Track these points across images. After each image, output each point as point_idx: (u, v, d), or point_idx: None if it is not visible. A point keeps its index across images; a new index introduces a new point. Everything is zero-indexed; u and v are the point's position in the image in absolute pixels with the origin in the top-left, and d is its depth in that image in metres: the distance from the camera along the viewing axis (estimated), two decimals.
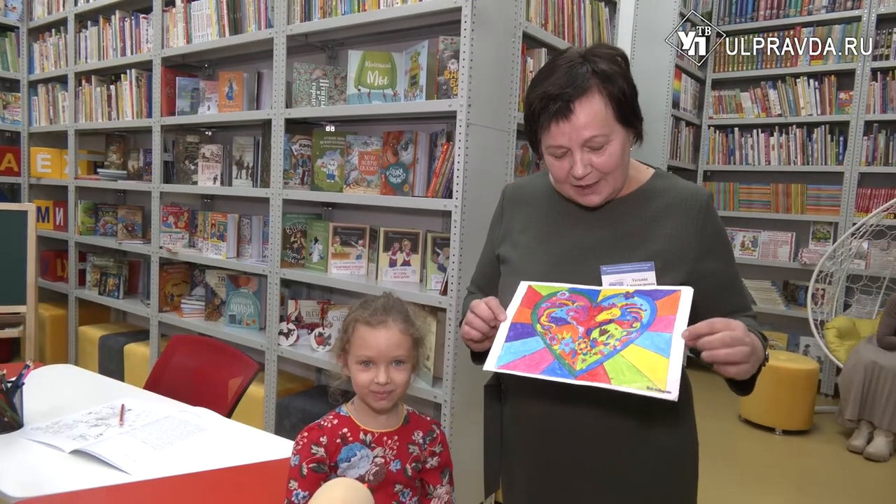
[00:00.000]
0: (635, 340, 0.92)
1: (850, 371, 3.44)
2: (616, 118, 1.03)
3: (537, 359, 0.97)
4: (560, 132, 1.03)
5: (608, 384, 0.90)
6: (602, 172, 1.05)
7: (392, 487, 1.10)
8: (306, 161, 2.71)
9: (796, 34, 4.57)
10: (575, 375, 0.93)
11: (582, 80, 1.02)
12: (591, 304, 1.00)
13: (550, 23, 2.50)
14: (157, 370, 2.01)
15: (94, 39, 3.69)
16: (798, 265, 4.53)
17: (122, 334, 3.66)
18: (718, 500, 2.76)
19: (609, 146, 1.03)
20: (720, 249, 1.11)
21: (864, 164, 4.30)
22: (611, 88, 1.02)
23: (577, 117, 1.01)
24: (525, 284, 1.08)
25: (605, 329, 0.95)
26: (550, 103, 1.02)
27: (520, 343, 1.00)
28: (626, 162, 1.08)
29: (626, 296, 0.98)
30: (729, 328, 0.92)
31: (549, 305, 1.03)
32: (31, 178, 4.21)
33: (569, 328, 0.98)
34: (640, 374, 0.88)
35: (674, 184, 1.13)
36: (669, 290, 0.96)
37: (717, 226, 1.11)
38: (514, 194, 1.28)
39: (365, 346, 1.08)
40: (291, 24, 2.58)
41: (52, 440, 1.39)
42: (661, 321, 0.93)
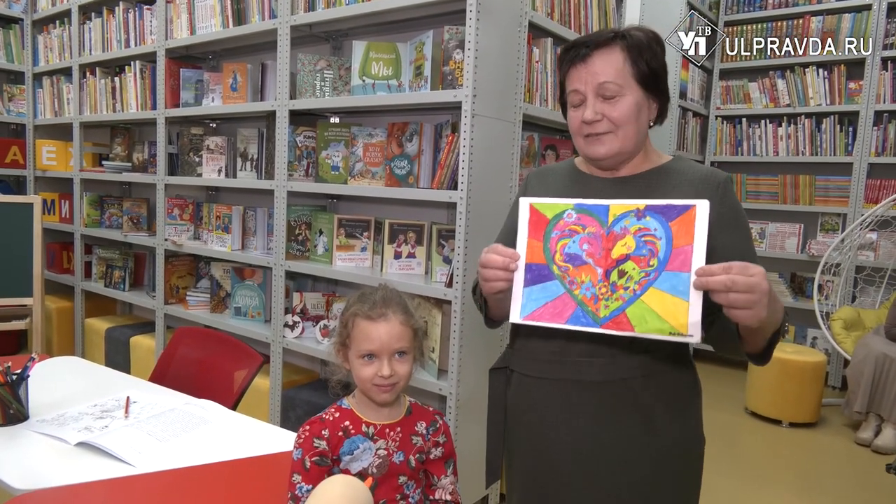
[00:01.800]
0: (654, 283, 0.92)
1: (860, 363, 3.41)
2: (633, 76, 1.09)
3: (560, 305, 0.97)
4: (577, 76, 1.11)
5: (633, 332, 0.91)
6: (612, 123, 1.09)
7: (396, 479, 1.09)
8: (311, 153, 2.70)
9: (805, 23, 4.51)
10: (600, 323, 0.94)
11: (606, 35, 1.11)
12: (603, 228, 0.98)
13: (556, 12, 2.47)
14: (163, 362, 2.01)
15: (98, 31, 3.68)
16: (806, 257, 4.50)
17: (128, 326, 3.66)
18: (724, 492, 2.75)
19: (622, 98, 1.08)
20: (736, 225, 1.11)
21: (874, 154, 4.25)
22: (633, 51, 1.09)
23: (594, 62, 1.09)
24: (526, 202, 1.05)
25: (623, 270, 0.95)
26: (573, 50, 1.12)
27: (539, 288, 1.00)
28: (640, 124, 1.11)
29: (638, 215, 0.95)
30: (746, 272, 0.90)
31: (559, 234, 1.01)
32: (37, 171, 4.22)
33: (587, 270, 0.97)
34: (662, 319, 0.90)
35: (692, 166, 1.16)
36: (684, 207, 0.93)
37: (733, 202, 1.12)
38: (538, 176, 1.31)
39: (367, 339, 1.07)
40: (295, 14, 2.56)
41: (57, 432, 1.39)
42: (678, 255, 0.91)
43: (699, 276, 0.91)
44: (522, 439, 1.20)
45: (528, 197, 1.07)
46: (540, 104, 2.41)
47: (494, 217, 1.37)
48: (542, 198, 1.06)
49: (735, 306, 0.90)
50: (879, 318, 3.77)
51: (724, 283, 0.89)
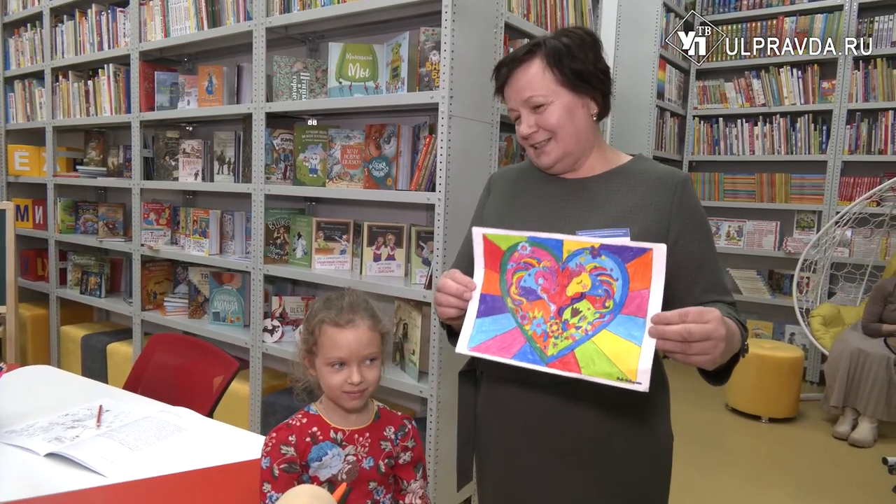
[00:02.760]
0: (608, 325, 0.90)
1: (836, 358, 3.47)
2: (557, 82, 1.10)
3: (509, 340, 0.95)
4: (508, 95, 1.16)
5: (579, 374, 0.88)
6: (547, 131, 1.12)
7: (366, 485, 1.08)
8: (288, 155, 2.68)
9: (779, 24, 4.58)
10: (546, 362, 0.91)
11: (523, 50, 1.13)
12: (557, 263, 0.96)
13: (532, 13, 2.47)
14: (137, 370, 1.98)
15: (71, 34, 3.62)
16: (783, 254, 4.56)
17: (105, 333, 3.61)
18: (705, 488, 2.77)
19: (550, 106, 1.11)
20: (696, 228, 1.10)
21: (847, 152, 4.33)
22: (552, 58, 1.10)
23: (517, 79, 1.13)
24: (479, 233, 1.03)
25: (577, 309, 0.93)
26: (497, 72, 1.17)
27: (491, 320, 0.98)
28: (578, 124, 1.13)
29: (594, 254, 0.93)
30: (701, 319, 0.87)
31: (515, 266, 1.00)
32: (9, 177, 4.14)
33: (540, 305, 0.95)
34: (611, 363, 0.87)
35: (652, 166, 1.16)
36: (640, 249, 0.90)
37: (693, 204, 1.11)
38: (498, 177, 1.33)
39: (335, 347, 1.05)
40: (270, 16, 2.54)
41: (26, 443, 1.36)
42: (635, 299, 0.89)
43: (655, 324, 0.88)
44: (492, 442, 1.20)
45: (480, 228, 1.06)
46: None
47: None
48: (493, 228, 1.04)
49: (690, 353, 0.88)
50: (859, 314, 3.83)
51: (680, 334, 0.86)
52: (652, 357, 0.87)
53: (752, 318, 4.77)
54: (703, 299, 1.08)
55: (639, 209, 1.09)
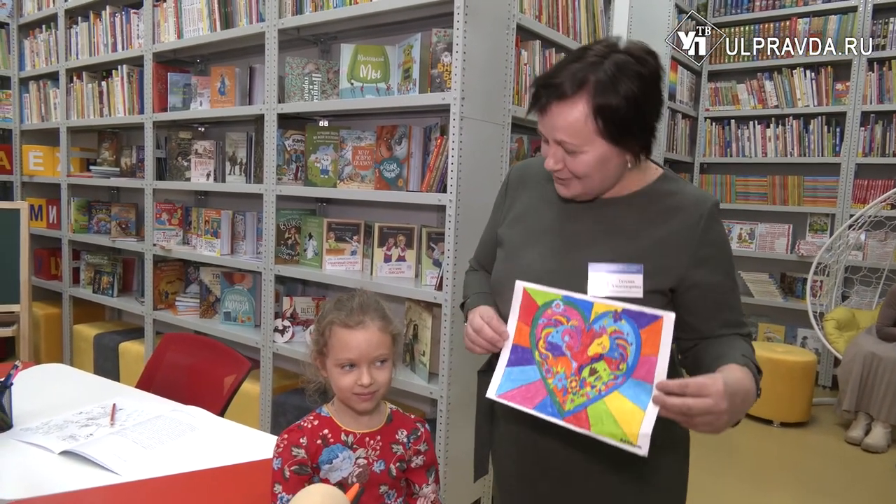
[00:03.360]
0: (620, 387, 0.95)
1: (849, 362, 3.43)
2: (597, 132, 0.98)
3: (533, 391, 1.02)
4: (540, 122, 1.05)
5: (588, 431, 0.95)
6: (573, 174, 1.04)
7: (377, 489, 1.07)
8: (300, 156, 2.69)
9: (792, 25, 4.55)
10: (563, 416, 0.98)
11: (573, 81, 0.97)
12: (585, 323, 1.01)
13: (544, 14, 2.47)
14: (150, 369, 1.99)
15: (85, 35, 3.65)
16: (795, 257, 4.53)
17: (117, 332, 3.63)
18: (715, 493, 2.75)
19: (582, 154, 1.01)
20: (717, 261, 1.06)
21: (861, 154, 4.29)
22: (601, 101, 0.96)
23: (552, 118, 1.01)
24: (521, 286, 1.08)
25: (594, 369, 0.98)
26: (538, 92, 1.03)
27: (519, 370, 1.05)
28: (607, 172, 1.04)
29: (615, 317, 0.98)
30: (702, 392, 0.87)
31: (545, 322, 1.04)
32: (24, 176, 4.18)
33: (564, 361, 1.01)
34: (617, 424, 0.93)
35: (680, 188, 1.09)
36: (653, 316, 0.95)
37: (718, 236, 1.06)
38: (518, 175, 1.26)
39: (345, 348, 1.05)
40: (283, 17, 2.55)
41: (41, 441, 1.37)
42: (644, 364, 0.95)
43: (658, 390, 0.90)
44: (511, 442, 1.20)
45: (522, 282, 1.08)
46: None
47: (484, 220, 1.36)
48: (534, 284, 1.07)
49: (693, 424, 0.90)
50: (874, 318, 3.79)
51: (680, 409, 0.88)
52: (653, 423, 0.91)
53: (763, 321, 4.74)
54: (718, 333, 1.08)
55: (659, 241, 1.05)
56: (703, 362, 1.06)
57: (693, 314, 1.07)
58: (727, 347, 1.04)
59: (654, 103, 1.01)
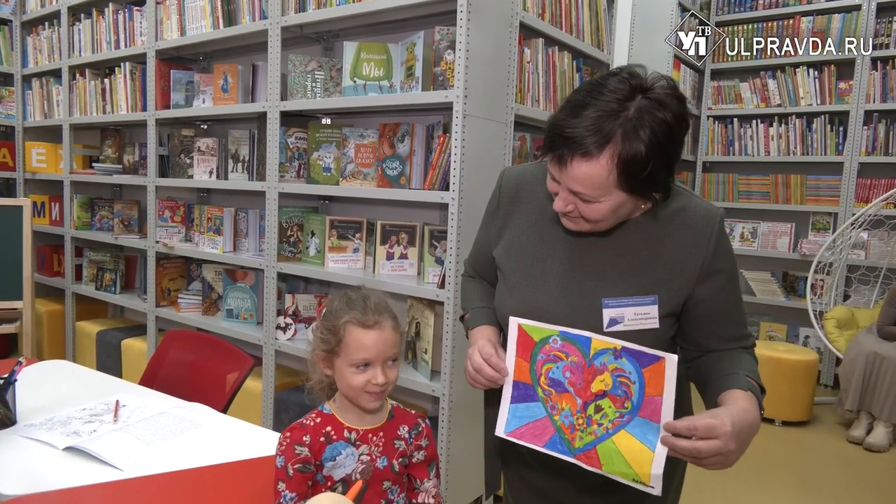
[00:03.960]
0: (626, 426, 0.96)
1: (851, 361, 3.43)
2: (617, 185, 0.94)
3: (540, 428, 1.03)
4: (553, 169, 0.99)
5: (599, 469, 0.96)
6: (583, 217, 1.00)
7: (380, 485, 1.08)
8: (302, 154, 2.69)
9: (795, 23, 4.54)
10: (574, 454, 0.99)
11: (598, 138, 0.91)
12: (585, 359, 1.01)
13: (548, 12, 2.47)
14: (153, 366, 2.00)
15: (88, 32, 3.66)
16: (797, 256, 4.52)
17: (120, 329, 3.64)
18: (716, 491, 2.76)
19: (598, 203, 0.96)
20: (723, 275, 1.06)
21: (864, 153, 4.28)
22: (626, 156, 0.91)
23: (570, 171, 0.94)
24: (515, 323, 1.07)
25: (599, 406, 0.99)
26: (557, 143, 0.95)
27: (524, 407, 1.05)
28: (619, 216, 1.01)
29: (615, 355, 0.98)
30: (711, 434, 0.88)
31: (544, 359, 1.04)
32: (27, 173, 4.19)
33: (567, 398, 1.02)
34: (628, 464, 0.94)
35: (686, 204, 1.05)
36: (654, 357, 0.95)
37: (725, 251, 1.05)
38: (514, 185, 1.20)
39: (362, 348, 1.04)
40: (286, 15, 2.55)
41: (45, 437, 1.38)
42: (649, 404, 0.95)
43: (666, 432, 0.91)
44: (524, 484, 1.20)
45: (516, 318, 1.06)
46: (532, 105, 2.41)
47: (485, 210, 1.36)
48: (529, 320, 1.06)
49: (702, 465, 0.91)
50: (874, 317, 3.79)
51: (690, 452, 0.89)
52: (663, 463, 0.92)
53: (765, 320, 4.74)
54: (723, 347, 1.08)
55: (671, 263, 1.04)
56: (707, 378, 1.06)
57: (698, 329, 1.07)
58: (731, 366, 1.04)
59: (677, 150, 0.96)
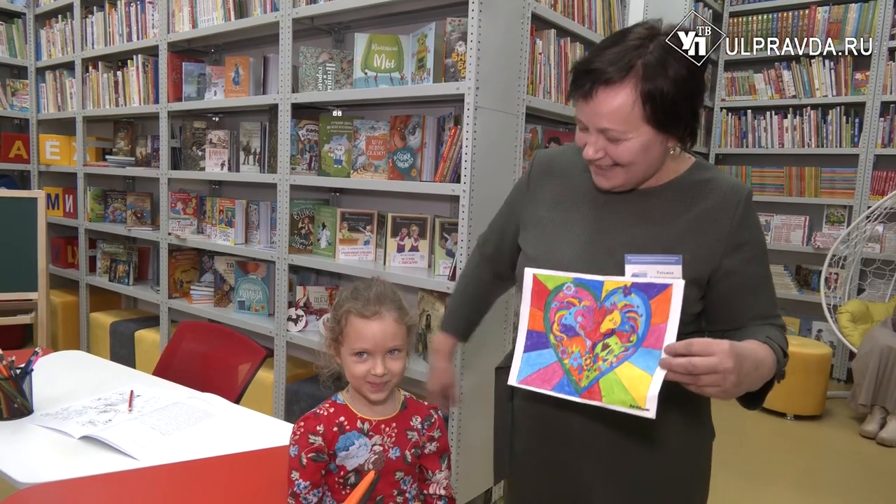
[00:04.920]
0: (630, 358, 0.96)
1: (865, 356, 3.40)
2: (644, 118, 0.95)
3: (550, 373, 1.04)
4: (581, 110, 1.00)
5: (600, 402, 0.96)
6: (616, 162, 1.00)
7: (393, 475, 1.09)
8: (313, 146, 2.69)
9: (812, 14, 4.47)
10: (579, 393, 0.99)
11: (619, 66, 0.94)
12: (596, 302, 1.02)
13: (560, 3, 2.45)
14: (166, 356, 2.02)
15: (101, 25, 3.67)
16: (811, 249, 4.48)
17: (133, 320, 3.68)
18: (728, 486, 2.75)
19: (626, 142, 0.97)
20: (751, 248, 1.04)
21: (881, 146, 4.22)
22: (650, 86, 0.93)
23: (597, 104, 0.96)
24: (530, 273, 1.08)
25: (606, 344, 0.99)
26: (580, 77, 0.98)
27: (536, 355, 1.06)
28: (651, 158, 1.01)
29: (625, 292, 0.99)
30: (706, 351, 0.86)
31: (558, 306, 1.05)
32: (41, 166, 4.22)
33: (578, 341, 1.02)
34: (626, 392, 0.94)
35: (714, 177, 1.07)
36: (662, 286, 0.96)
37: (752, 224, 1.05)
38: (544, 163, 1.22)
39: (360, 338, 1.05)
40: (297, 7, 2.55)
41: (61, 426, 1.39)
42: (654, 332, 0.95)
43: (667, 354, 0.90)
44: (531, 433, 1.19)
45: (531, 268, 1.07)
46: (543, 96, 2.40)
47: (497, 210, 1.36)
48: (543, 269, 1.07)
49: (700, 385, 0.88)
50: (889, 311, 3.75)
51: (684, 367, 0.87)
52: (660, 385, 0.91)
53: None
54: (751, 324, 1.06)
55: (695, 231, 1.04)
56: None
57: (727, 304, 1.06)
58: (754, 333, 1.02)
59: (700, 87, 0.98)
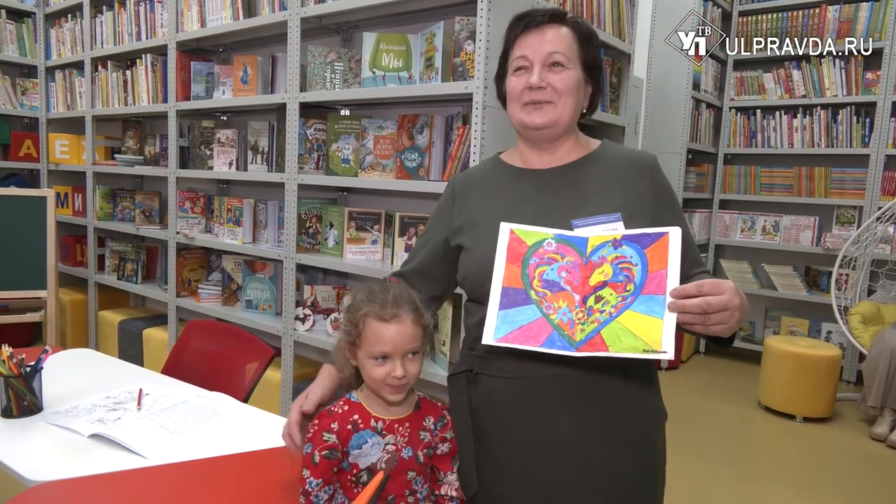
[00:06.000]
0: (630, 306, 0.95)
1: (875, 357, 3.37)
2: (579, 57, 1.16)
3: (535, 329, 0.98)
4: (528, 42, 1.16)
5: (606, 352, 0.93)
6: (556, 92, 1.13)
7: (405, 475, 1.09)
8: (321, 145, 2.69)
9: (822, 13, 4.44)
10: (576, 347, 0.95)
11: (559, 12, 1.18)
12: (581, 257, 1.01)
13: (569, 2, 2.44)
14: (175, 355, 2.02)
15: (110, 24, 3.69)
16: (821, 250, 4.45)
17: (141, 319, 3.69)
18: (736, 487, 2.73)
19: (567, 71, 1.14)
20: (672, 206, 1.16)
21: (892, 146, 4.18)
22: (582, 35, 1.17)
23: (547, 32, 1.15)
24: (507, 227, 1.07)
25: (600, 296, 0.97)
26: (527, 17, 1.17)
27: (515, 311, 1.01)
28: (578, 101, 1.17)
29: (615, 245, 0.99)
30: (717, 290, 0.92)
31: (538, 261, 1.03)
32: (50, 164, 4.25)
33: (564, 296, 1.00)
34: (636, 337, 0.92)
35: (621, 150, 1.22)
36: (657, 234, 0.97)
37: (667, 185, 1.19)
38: (462, 181, 1.31)
39: (380, 341, 1.05)
40: (305, 6, 2.55)
41: (70, 424, 1.40)
42: (654, 279, 0.95)
43: (673, 297, 0.93)
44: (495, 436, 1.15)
45: (508, 223, 1.08)
46: None
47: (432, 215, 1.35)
48: (522, 225, 1.07)
49: (709, 324, 0.93)
50: None
51: (700, 306, 0.91)
52: (674, 327, 0.92)
53: (787, 314, 4.67)
54: (690, 273, 1.14)
55: (621, 195, 1.13)
56: None
57: None
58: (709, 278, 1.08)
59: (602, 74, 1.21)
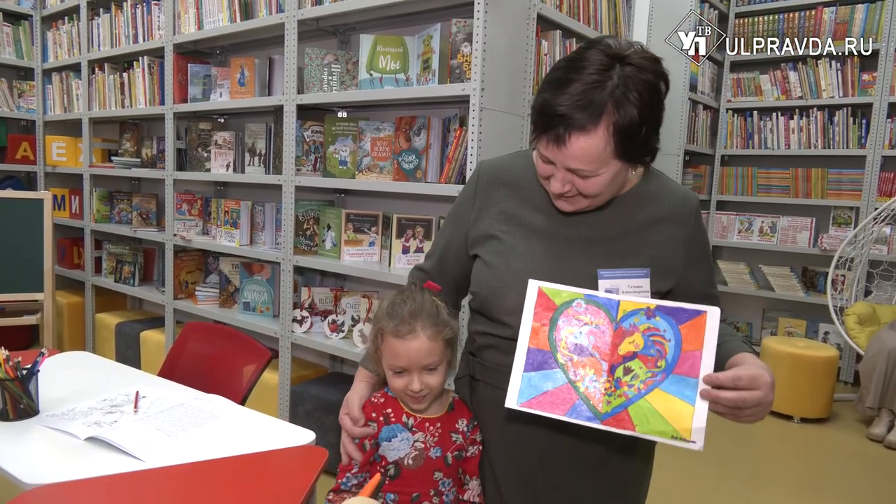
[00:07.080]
0: (660, 384, 0.92)
1: (872, 358, 3.38)
2: (615, 154, 0.94)
3: (561, 396, 0.95)
4: (549, 150, 0.97)
5: (633, 431, 0.91)
6: (581, 194, 1.00)
7: (431, 474, 1.10)
8: (318, 147, 2.69)
9: (818, 15, 4.45)
10: (601, 419, 0.93)
11: (591, 112, 0.91)
12: (612, 322, 0.97)
13: (566, 4, 2.44)
14: (172, 357, 2.02)
15: (107, 27, 3.69)
16: (817, 251, 4.46)
17: (138, 321, 3.68)
18: (734, 489, 2.73)
19: (596, 177, 0.97)
20: (703, 256, 1.13)
21: (888, 147, 4.19)
22: (621, 123, 0.91)
23: (569, 148, 0.93)
24: (535, 285, 1.02)
25: (629, 368, 0.94)
26: (550, 121, 0.94)
27: (540, 375, 0.97)
28: (616, 186, 1.02)
29: (648, 314, 0.95)
30: (754, 385, 0.89)
31: (566, 322, 0.99)
32: (47, 167, 4.24)
33: (591, 363, 0.96)
34: (666, 422, 0.90)
35: (664, 186, 1.11)
36: (695, 312, 0.93)
37: (702, 233, 1.13)
38: (491, 174, 1.17)
39: (396, 356, 1.06)
40: (302, 8, 2.55)
41: (66, 427, 1.39)
42: (687, 359, 0.91)
43: (707, 384, 0.90)
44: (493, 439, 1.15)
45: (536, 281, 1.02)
46: None
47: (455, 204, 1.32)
48: (550, 283, 1.01)
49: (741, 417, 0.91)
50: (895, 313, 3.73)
51: (734, 402, 0.89)
52: (706, 417, 0.89)
53: (784, 315, 4.68)
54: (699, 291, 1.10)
55: (655, 243, 1.07)
56: None
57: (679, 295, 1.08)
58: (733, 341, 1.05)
59: (662, 105, 0.97)
